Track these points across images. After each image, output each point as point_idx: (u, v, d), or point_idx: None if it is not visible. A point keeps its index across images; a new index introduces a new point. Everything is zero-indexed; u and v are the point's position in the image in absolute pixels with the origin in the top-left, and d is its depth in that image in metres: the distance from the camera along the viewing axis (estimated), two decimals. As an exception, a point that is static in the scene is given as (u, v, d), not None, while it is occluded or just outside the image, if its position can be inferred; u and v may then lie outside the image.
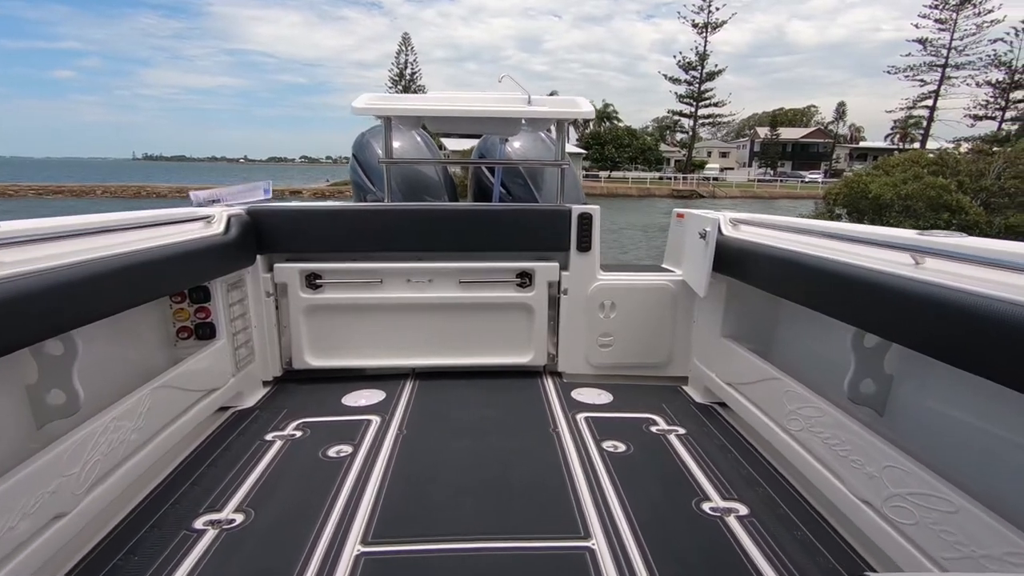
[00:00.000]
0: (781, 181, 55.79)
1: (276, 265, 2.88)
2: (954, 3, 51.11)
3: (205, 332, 2.51)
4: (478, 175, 3.67)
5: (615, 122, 67.02)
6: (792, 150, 70.06)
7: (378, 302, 2.96)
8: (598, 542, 1.72)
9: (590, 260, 2.99)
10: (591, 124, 69.36)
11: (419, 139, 3.64)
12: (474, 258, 2.98)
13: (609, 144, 56.74)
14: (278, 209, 2.86)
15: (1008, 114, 53.07)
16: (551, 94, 3.55)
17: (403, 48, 60.82)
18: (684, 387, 3.05)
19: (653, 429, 2.52)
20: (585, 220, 2.93)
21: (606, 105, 70.66)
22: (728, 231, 2.56)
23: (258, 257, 2.83)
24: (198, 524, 1.78)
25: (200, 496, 1.94)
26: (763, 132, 72.14)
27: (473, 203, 3.38)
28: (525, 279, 3.00)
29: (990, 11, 50.35)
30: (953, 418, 1.68)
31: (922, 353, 1.43)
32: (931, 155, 26.76)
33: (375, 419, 2.55)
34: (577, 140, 61.06)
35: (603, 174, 53.04)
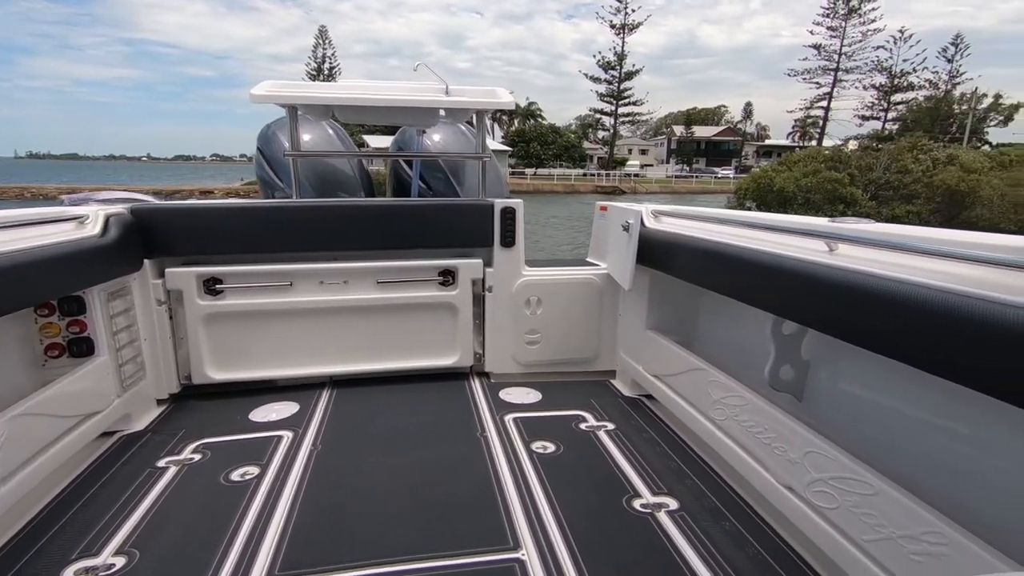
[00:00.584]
0: (697, 177, 58.62)
1: (168, 270, 2.59)
2: (843, 12, 55.64)
3: (80, 349, 2.20)
4: (396, 170, 3.50)
5: (539, 120, 67.85)
6: (705, 147, 73.81)
7: (288, 307, 2.73)
8: (528, 552, 1.63)
9: (514, 256, 2.91)
10: (516, 122, 69.88)
11: (331, 132, 3.42)
12: (393, 256, 2.82)
13: (534, 141, 57.32)
14: (168, 208, 2.57)
15: (890, 115, 58.58)
16: None
17: (320, 41, 58.56)
18: (612, 381, 3.03)
19: (582, 426, 2.47)
20: (508, 215, 2.84)
21: (530, 103, 71.37)
22: (650, 223, 2.56)
23: (146, 262, 2.52)
24: (67, 574, 1.53)
25: (72, 539, 1.68)
26: (679, 130, 75.49)
27: (389, 199, 3.21)
28: (448, 277, 2.87)
29: (873, 20, 55.30)
30: (867, 400, 1.72)
31: (836, 337, 1.45)
32: (827, 152, 29.06)
33: (287, 434, 2.34)
34: (502, 138, 61.30)
35: (529, 171, 53.49)
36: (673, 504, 1.89)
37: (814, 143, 57.29)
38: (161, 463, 2.11)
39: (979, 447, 1.38)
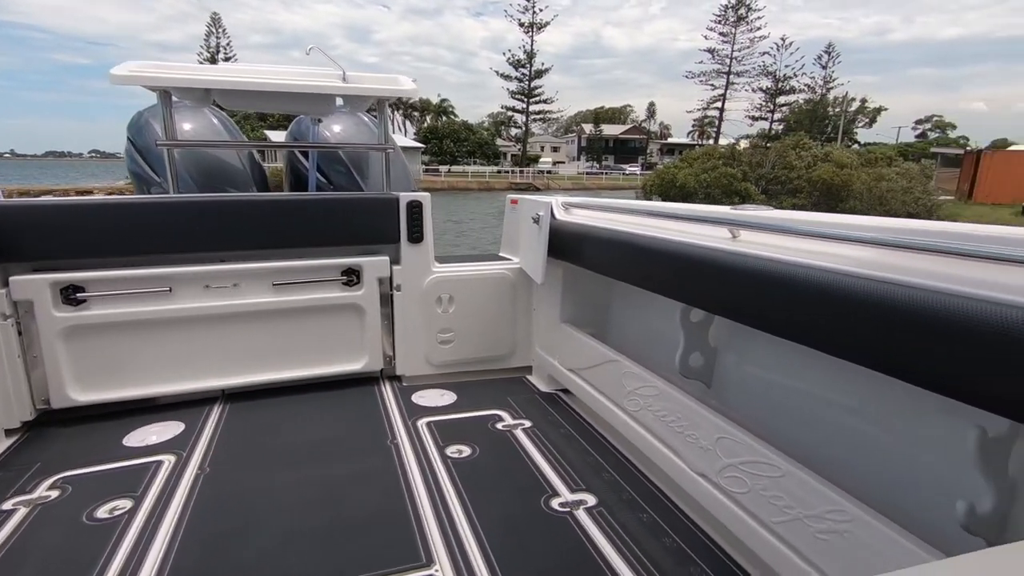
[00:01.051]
0: (606, 174, 60.66)
1: (13, 278, 2.22)
2: (732, 19, 59.66)
3: None
4: (292, 163, 3.25)
5: (452, 117, 67.35)
6: (614, 145, 76.57)
7: (168, 315, 2.43)
8: (442, 567, 1.53)
9: (423, 252, 2.77)
10: (428, 119, 68.97)
11: (216, 121, 3.10)
12: (290, 256, 2.60)
13: (447, 139, 56.85)
14: (10, 205, 2.20)
15: (776, 116, 63.63)
16: None
17: (213, 30, 54.61)
18: (529, 377, 2.98)
19: (499, 426, 2.40)
20: (415, 209, 2.70)
21: (442, 100, 70.80)
22: (561, 215, 2.52)
23: None
24: None
25: None
26: (588, 128, 77.77)
27: (283, 193, 2.97)
28: (352, 276, 2.69)
29: (759, 28, 59.77)
30: (773, 384, 1.77)
31: (739, 323, 1.46)
32: (723, 149, 31.09)
33: (168, 459, 2.07)
34: (415, 135, 60.27)
35: (443, 169, 53.00)
36: (591, 500, 1.86)
37: (711, 141, 61.10)
38: (7, 505, 1.79)
39: (877, 424, 1.44)
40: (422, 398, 2.67)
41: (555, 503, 1.84)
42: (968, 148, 40.08)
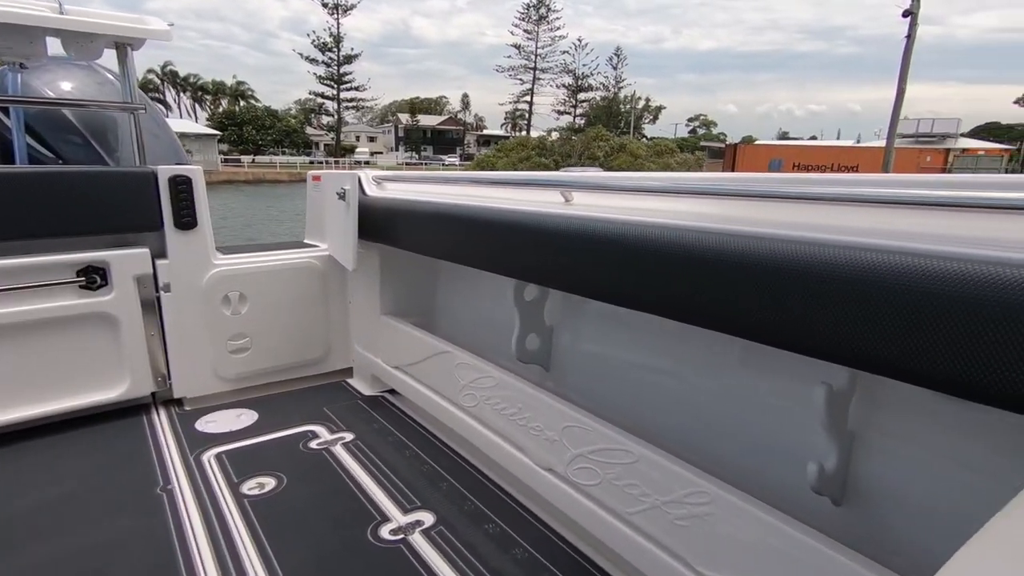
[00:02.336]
0: (426, 164, 60.29)
1: None
2: (535, 18, 63.11)
3: None
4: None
5: (252, 102, 61.04)
6: (432, 136, 76.39)
7: None
8: None
9: (199, 240, 2.21)
10: (224, 102, 61.55)
11: None
12: None
13: (248, 125, 51.29)
14: None
15: (578, 111, 69.17)
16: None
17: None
18: (349, 381, 2.59)
19: (312, 445, 1.99)
20: (182, 186, 2.12)
21: (239, 82, 63.73)
22: (372, 191, 2.16)
23: None
24: None
25: None
26: (405, 118, 76.49)
27: None
28: (95, 277, 2.03)
29: (559, 28, 64.25)
30: (615, 360, 1.65)
31: (577, 295, 1.30)
32: (535, 140, 32.87)
33: None
34: (208, 120, 53.38)
35: (246, 159, 47.75)
36: (429, 519, 1.58)
37: (523, 133, 64.22)
38: None
39: (726, 393, 1.37)
40: (211, 424, 2.13)
41: (385, 531, 1.53)
42: (729, 143, 48.03)
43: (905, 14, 20.59)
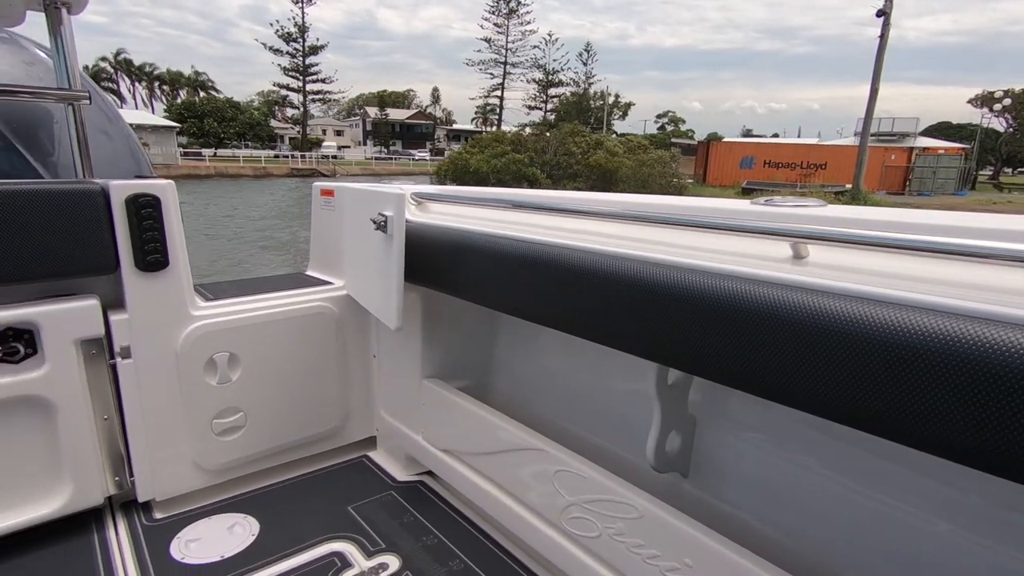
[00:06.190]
0: (396, 159, 58.96)
1: None
2: (505, 12, 62.28)
3: None
4: None
5: (212, 93, 58.61)
6: (401, 130, 74.85)
7: None
8: None
9: (171, 284, 1.62)
10: (182, 93, 58.95)
11: None
12: None
13: (209, 117, 49.14)
14: None
15: (549, 106, 68.67)
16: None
17: None
18: (372, 456, 2.03)
19: None
20: (146, 208, 1.53)
21: (198, 73, 61.16)
22: (412, 214, 1.62)
23: None
24: None
25: None
26: (373, 112, 74.72)
27: None
28: (15, 345, 1.43)
29: (529, 22, 63.57)
30: (787, 472, 1.18)
31: (771, 400, 0.87)
32: (510, 135, 32.30)
33: None
34: (166, 112, 50.93)
35: (207, 152, 45.66)
36: None
37: (494, 128, 63.46)
38: None
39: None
40: (193, 543, 1.56)
41: None
42: (699, 140, 48.45)
43: (879, 14, 20.87)
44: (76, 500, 1.55)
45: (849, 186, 25.68)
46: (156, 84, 60.55)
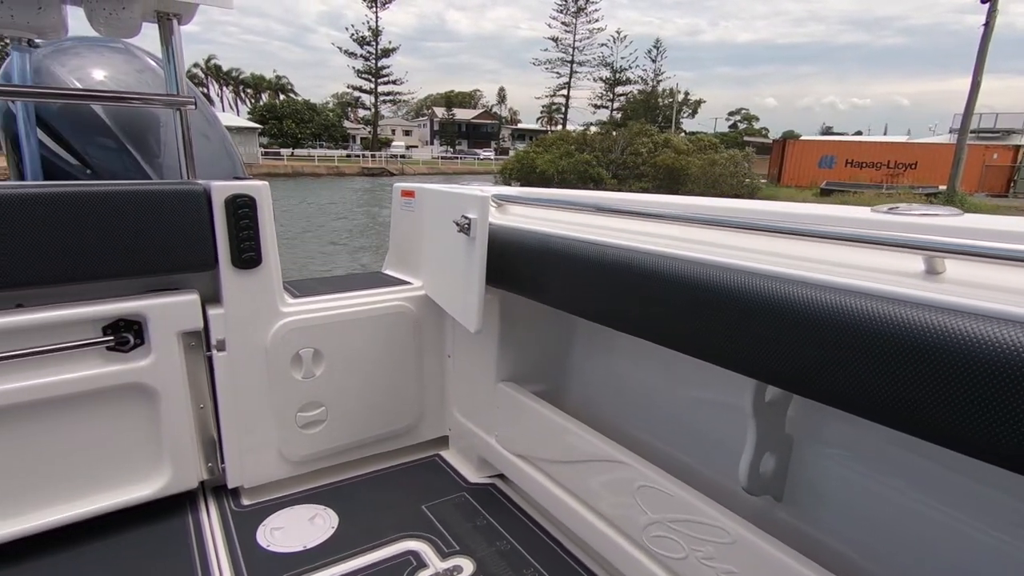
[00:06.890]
0: (461, 158, 59.94)
1: None
2: (573, 10, 61.88)
3: None
4: (10, 128, 1.92)
5: (292, 95, 61.76)
6: (467, 129, 76.01)
7: None
8: None
9: (263, 282, 1.69)
10: (265, 96, 62.46)
11: None
12: None
13: (287, 119, 51.79)
14: None
15: (615, 104, 67.69)
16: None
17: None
18: (444, 455, 2.05)
19: None
20: (243, 207, 1.61)
21: (279, 76, 64.59)
22: (493, 217, 1.61)
23: None
24: None
25: None
26: (440, 112, 76.26)
27: None
28: (127, 334, 1.53)
29: (597, 20, 62.82)
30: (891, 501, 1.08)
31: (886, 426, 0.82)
32: (575, 135, 32.05)
33: None
34: (249, 114, 54.12)
35: (285, 152, 48.16)
36: None
37: (559, 127, 63.23)
38: None
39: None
40: (277, 531, 1.62)
41: None
42: (774, 139, 46.24)
43: (983, 0, 19.17)
44: (174, 483, 1.65)
45: (943, 187, 23.68)
46: (241, 88, 64.38)
